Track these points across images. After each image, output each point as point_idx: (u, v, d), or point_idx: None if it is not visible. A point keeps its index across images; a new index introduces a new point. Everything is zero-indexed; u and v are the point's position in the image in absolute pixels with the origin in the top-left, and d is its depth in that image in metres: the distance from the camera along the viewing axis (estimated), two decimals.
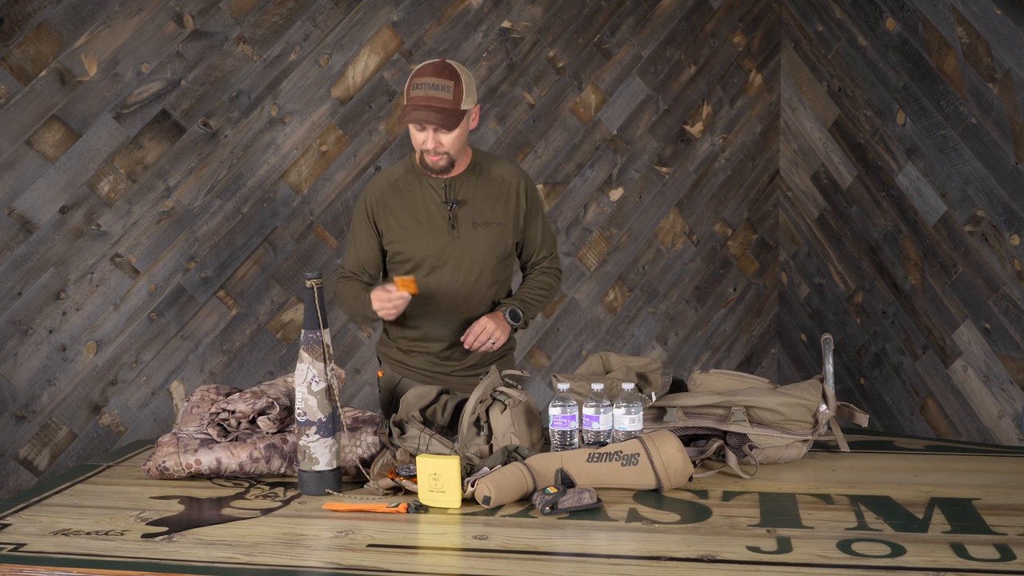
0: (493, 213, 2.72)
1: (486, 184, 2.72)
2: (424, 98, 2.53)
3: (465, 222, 2.70)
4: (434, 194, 2.70)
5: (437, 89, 2.54)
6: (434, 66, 2.57)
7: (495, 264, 2.75)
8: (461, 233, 2.70)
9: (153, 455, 2.31)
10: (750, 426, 2.32)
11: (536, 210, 2.81)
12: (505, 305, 2.78)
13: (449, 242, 2.69)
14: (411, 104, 2.55)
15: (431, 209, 2.70)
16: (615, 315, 4.52)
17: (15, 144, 3.54)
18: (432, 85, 2.54)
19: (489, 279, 2.75)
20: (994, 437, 3.68)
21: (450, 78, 2.55)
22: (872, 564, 1.70)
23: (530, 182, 2.79)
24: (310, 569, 1.75)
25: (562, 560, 1.76)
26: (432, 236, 2.69)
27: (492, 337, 2.70)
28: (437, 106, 2.53)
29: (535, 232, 2.83)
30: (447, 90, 2.54)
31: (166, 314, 3.79)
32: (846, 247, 4.37)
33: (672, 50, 4.49)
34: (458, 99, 2.55)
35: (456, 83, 2.55)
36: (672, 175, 4.56)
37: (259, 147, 3.88)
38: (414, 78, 2.57)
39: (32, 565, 1.75)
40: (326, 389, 2.16)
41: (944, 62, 3.72)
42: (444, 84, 2.54)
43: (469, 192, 2.70)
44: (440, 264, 2.71)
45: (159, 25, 3.69)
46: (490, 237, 2.72)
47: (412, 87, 2.56)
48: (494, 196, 2.73)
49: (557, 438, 2.27)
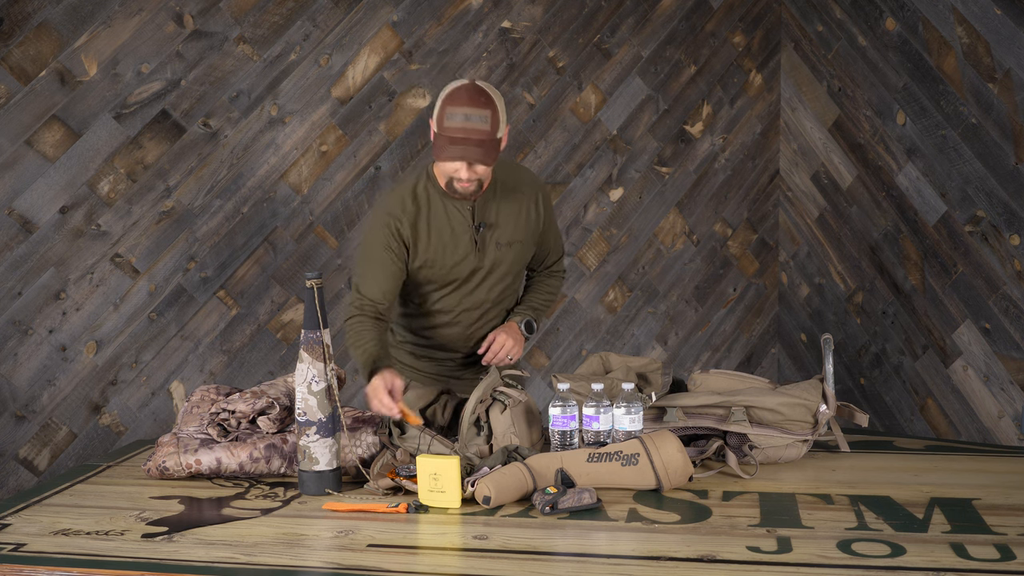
0: (515, 231, 2.63)
1: (508, 201, 2.61)
2: (461, 131, 2.37)
3: (490, 244, 2.60)
4: (459, 215, 2.57)
5: (474, 120, 2.37)
6: (468, 93, 2.40)
7: (514, 279, 2.72)
8: (487, 255, 2.61)
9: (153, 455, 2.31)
10: (750, 426, 2.32)
11: (551, 219, 2.74)
12: (520, 316, 2.74)
13: (475, 264, 2.61)
14: (447, 137, 2.39)
15: (457, 231, 2.57)
16: (615, 315, 4.52)
17: (15, 144, 3.54)
18: (467, 116, 2.37)
19: (506, 293, 2.72)
20: (994, 437, 3.68)
21: (486, 106, 2.39)
22: (872, 564, 1.70)
23: (545, 191, 2.71)
24: (310, 569, 1.75)
25: (562, 560, 1.76)
26: (460, 259, 2.59)
27: (510, 353, 2.67)
28: (475, 139, 2.38)
29: (548, 240, 2.78)
30: (485, 120, 2.38)
31: (166, 314, 3.79)
32: (846, 247, 4.37)
33: (672, 50, 4.49)
34: (495, 128, 2.40)
35: (493, 112, 2.39)
36: (672, 175, 4.56)
37: (259, 147, 3.88)
38: (447, 105, 2.39)
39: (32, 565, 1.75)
40: (326, 389, 2.16)
41: (944, 62, 3.72)
42: (481, 114, 2.38)
43: (493, 213, 2.59)
44: (463, 285, 2.64)
45: (159, 25, 3.69)
46: (513, 256, 2.65)
47: (445, 116, 2.39)
48: (516, 213, 2.63)
49: (557, 438, 2.27)
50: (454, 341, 2.73)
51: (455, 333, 2.71)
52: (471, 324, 2.70)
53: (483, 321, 2.71)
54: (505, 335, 2.67)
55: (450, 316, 2.68)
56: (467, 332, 2.72)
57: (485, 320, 2.71)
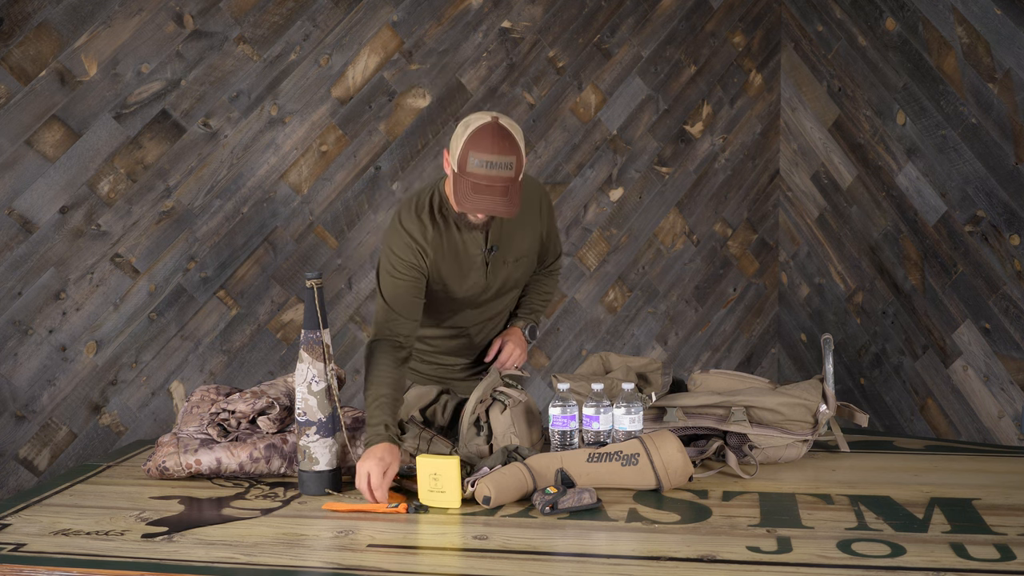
0: (522, 246, 2.60)
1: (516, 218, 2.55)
2: (486, 178, 2.26)
3: (500, 264, 2.57)
4: (472, 238, 2.51)
5: (499, 168, 2.26)
6: (493, 138, 2.27)
7: (520, 288, 2.74)
8: (498, 276, 2.59)
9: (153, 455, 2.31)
10: (750, 426, 2.32)
11: (552, 223, 2.72)
12: (523, 320, 2.77)
13: (486, 285, 2.59)
14: (470, 183, 2.27)
15: (472, 255, 2.52)
16: (615, 315, 4.52)
17: (15, 144, 3.54)
18: (492, 164, 2.26)
19: (513, 302, 2.76)
20: (994, 437, 3.68)
21: (511, 152, 2.27)
22: (872, 564, 1.70)
23: (546, 196, 2.67)
24: (310, 569, 1.75)
25: (562, 560, 1.76)
26: (472, 280, 2.56)
27: (517, 363, 2.72)
28: (500, 187, 2.27)
29: (549, 242, 2.77)
30: (509, 168, 2.27)
31: (166, 314, 3.79)
32: (846, 247, 4.37)
33: (672, 50, 4.49)
34: (519, 171, 2.30)
35: (517, 157, 2.28)
36: (672, 175, 4.56)
37: (259, 147, 3.88)
38: (471, 150, 2.26)
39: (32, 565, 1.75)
40: (326, 389, 2.16)
41: (944, 62, 3.72)
42: (507, 161, 2.26)
43: (502, 232, 2.54)
44: (473, 303, 2.63)
45: (159, 25, 3.69)
46: (521, 271, 2.64)
47: (468, 160, 2.27)
48: (522, 226, 2.58)
49: (557, 438, 2.27)
50: (460, 350, 2.76)
51: (462, 343, 2.74)
52: (478, 334, 2.73)
53: (489, 328, 2.74)
54: (513, 344, 2.71)
55: (458, 330, 2.70)
56: (474, 341, 2.74)
57: (491, 328, 2.75)
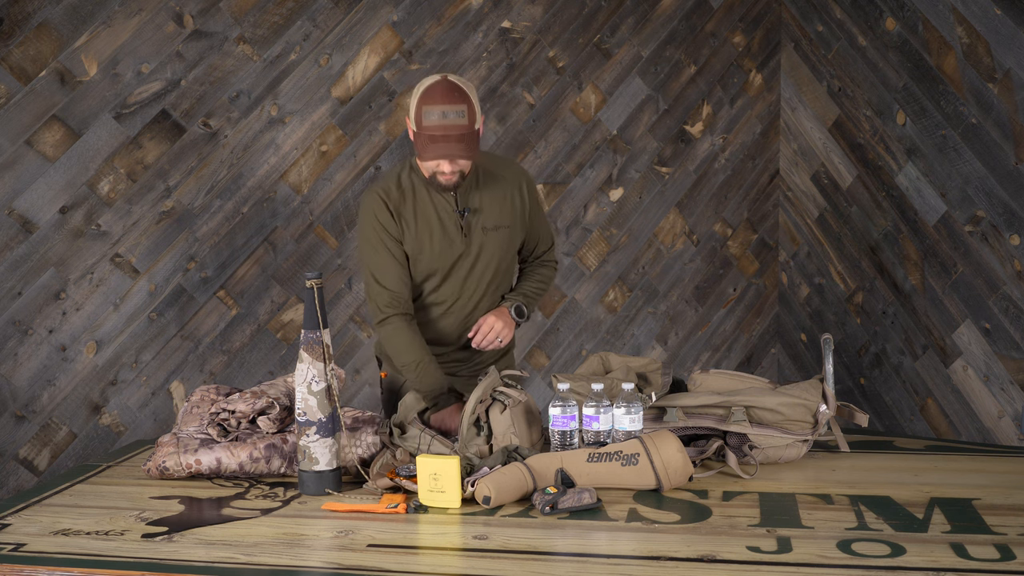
0: (501, 216, 2.68)
1: (490, 188, 2.68)
2: (440, 128, 2.44)
3: (476, 229, 2.65)
4: (443, 202, 2.63)
5: (451, 116, 2.44)
6: (442, 90, 2.46)
7: (504, 267, 2.75)
8: (473, 240, 2.65)
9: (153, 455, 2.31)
10: (750, 426, 2.32)
11: (537, 206, 2.79)
12: (510, 301, 2.77)
13: (463, 250, 2.65)
14: (427, 135, 2.46)
15: (443, 218, 2.63)
16: (615, 315, 4.52)
17: (15, 144, 3.54)
18: (444, 113, 2.44)
19: (498, 281, 2.75)
20: (994, 437, 3.68)
21: (462, 101, 2.45)
22: (872, 564, 1.70)
23: (529, 179, 2.77)
24: (310, 569, 1.75)
25: (562, 560, 1.76)
26: (447, 246, 2.64)
27: (500, 335, 2.70)
28: (455, 135, 2.45)
29: (537, 228, 2.82)
30: (461, 115, 2.45)
31: (166, 314, 3.79)
32: (846, 247, 4.37)
33: (672, 50, 4.49)
34: (472, 120, 2.47)
35: (468, 106, 2.46)
36: (672, 175, 4.56)
37: (259, 147, 3.88)
38: (423, 104, 2.46)
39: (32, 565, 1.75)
40: (326, 389, 2.16)
41: (944, 62, 3.72)
42: (458, 110, 2.44)
43: (476, 199, 2.65)
44: (453, 272, 2.67)
45: (159, 25, 3.69)
46: (500, 241, 2.69)
47: (423, 115, 2.46)
48: (500, 198, 2.69)
49: (557, 438, 2.27)
50: (449, 332, 2.76)
51: (449, 324, 2.74)
52: (465, 316, 2.73)
53: (477, 311, 2.74)
54: (495, 318, 2.71)
55: (444, 308, 2.71)
56: (461, 323, 2.75)
57: (479, 311, 2.75)
